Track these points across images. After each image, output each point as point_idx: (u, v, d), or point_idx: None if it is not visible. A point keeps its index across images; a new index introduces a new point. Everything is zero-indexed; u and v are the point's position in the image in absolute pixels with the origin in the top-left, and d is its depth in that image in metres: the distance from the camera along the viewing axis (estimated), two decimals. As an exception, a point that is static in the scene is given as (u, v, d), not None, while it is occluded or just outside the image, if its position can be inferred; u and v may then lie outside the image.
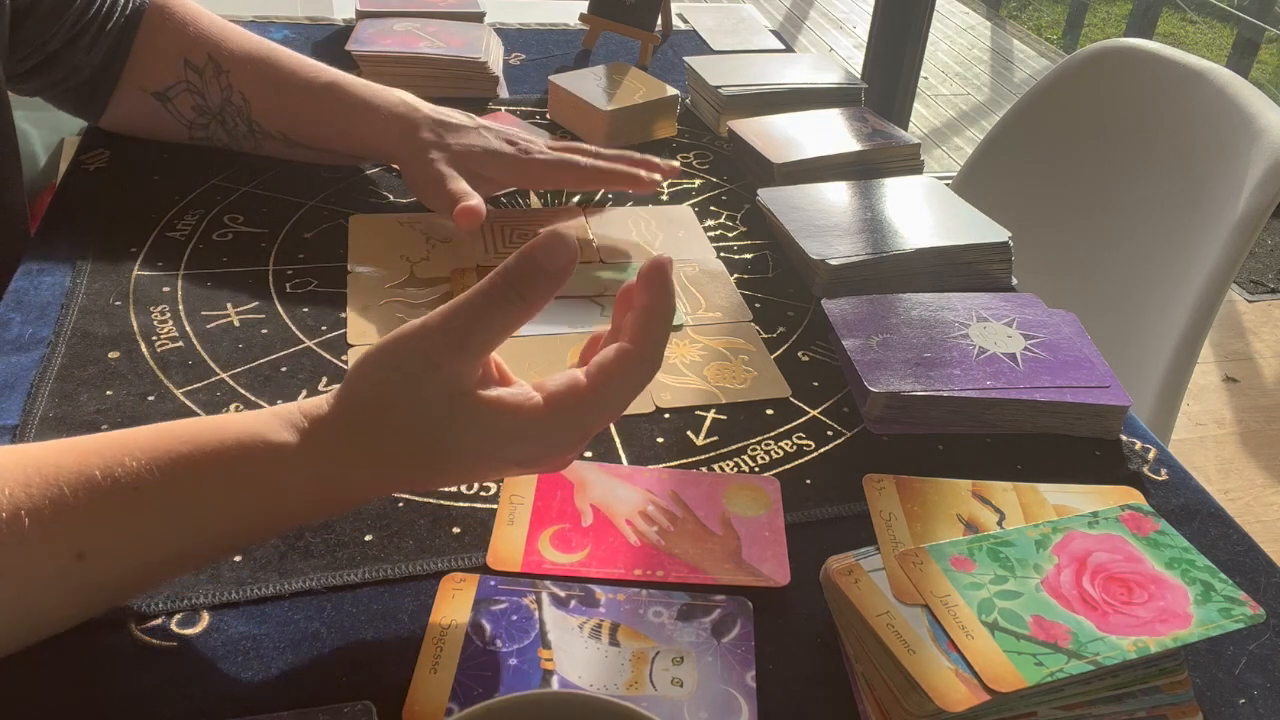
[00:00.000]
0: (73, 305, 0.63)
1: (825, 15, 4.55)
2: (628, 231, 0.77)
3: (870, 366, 0.59)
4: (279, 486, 0.41)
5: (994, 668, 0.40)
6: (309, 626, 0.44)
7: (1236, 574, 0.48)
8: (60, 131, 1.14)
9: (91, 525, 0.38)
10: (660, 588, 0.47)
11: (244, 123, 0.77)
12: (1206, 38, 4.68)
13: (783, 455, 0.57)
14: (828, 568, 0.46)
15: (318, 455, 0.41)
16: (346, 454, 0.41)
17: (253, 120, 0.77)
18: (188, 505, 0.39)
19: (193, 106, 0.77)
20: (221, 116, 0.77)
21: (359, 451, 0.41)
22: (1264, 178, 0.90)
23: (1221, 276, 0.90)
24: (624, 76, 0.93)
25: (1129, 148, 1.12)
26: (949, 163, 3.17)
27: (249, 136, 0.79)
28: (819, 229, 0.72)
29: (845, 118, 0.91)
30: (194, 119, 0.78)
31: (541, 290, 0.40)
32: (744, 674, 0.43)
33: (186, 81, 0.76)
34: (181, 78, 0.76)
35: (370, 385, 0.41)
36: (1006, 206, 1.04)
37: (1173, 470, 0.58)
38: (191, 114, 0.78)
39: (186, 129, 0.79)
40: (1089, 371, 0.60)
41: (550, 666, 0.43)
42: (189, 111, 0.78)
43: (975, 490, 0.53)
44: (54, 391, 0.55)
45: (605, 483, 0.53)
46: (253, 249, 0.70)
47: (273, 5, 1.16)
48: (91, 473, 0.38)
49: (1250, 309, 2.45)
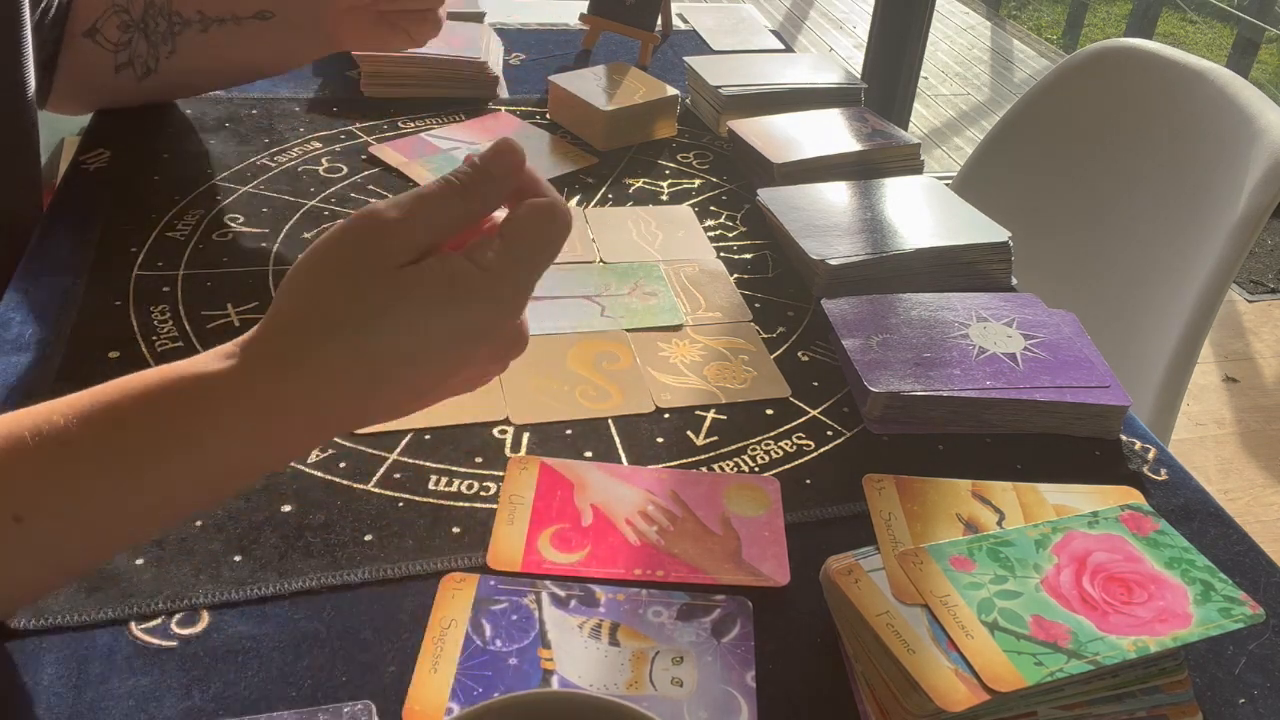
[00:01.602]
0: (73, 305, 0.63)
1: (825, 15, 4.55)
2: (628, 231, 0.77)
3: (870, 366, 0.59)
4: (209, 421, 0.38)
5: (994, 667, 0.40)
6: (309, 626, 0.44)
7: (1236, 574, 0.48)
8: (60, 131, 1.14)
9: (24, 485, 0.37)
10: (660, 588, 0.47)
11: (164, 19, 0.79)
12: (1206, 38, 4.68)
13: (783, 455, 0.57)
14: (827, 568, 0.46)
15: (248, 378, 0.38)
16: (278, 373, 0.38)
17: (173, 13, 0.79)
18: (119, 453, 0.38)
19: (118, 26, 0.79)
20: (144, 24, 0.79)
21: (290, 369, 0.38)
22: (1264, 178, 0.90)
23: (1221, 276, 0.90)
24: (624, 76, 0.93)
25: (1129, 148, 1.12)
26: (949, 163, 3.17)
27: (168, 35, 0.80)
28: (819, 229, 0.72)
29: (845, 118, 0.91)
30: (119, 39, 0.79)
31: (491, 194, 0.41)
32: (744, 674, 0.43)
33: (113, 5, 0.78)
34: (109, 5, 0.78)
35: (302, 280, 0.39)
36: (1006, 206, 1.04)
37: (1172, 470, 0.58)
38: (117, 34, 0.79)
39: (112, 55, 0.80)
40: (1089, 371, 0.60)
41: (550, 666, 0.43)
42: (114, 33, 0.79)
43: (975, 490, 0.53)
44: (54, 392, 0.55)
45: (605, 482, 0.53)
46: (253, 249, 0.70)
47: (273, 5, 1.16)
48: (20, 434, 0.37)
49: (1250, 309, 2.45)
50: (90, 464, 0.37)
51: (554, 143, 0.89)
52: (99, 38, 0.78)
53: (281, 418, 0.39)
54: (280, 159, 0.82)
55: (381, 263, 0.39)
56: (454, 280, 0.39)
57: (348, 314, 0.38)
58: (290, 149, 0.84)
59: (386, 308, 0.38)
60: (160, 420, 0.38)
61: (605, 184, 0.84)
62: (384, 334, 0.38)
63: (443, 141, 0.87)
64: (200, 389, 0.38)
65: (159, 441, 0.38)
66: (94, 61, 0.80)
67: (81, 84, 0.81)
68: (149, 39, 0.80)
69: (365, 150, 0.85)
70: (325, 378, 0.38)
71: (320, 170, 0.81)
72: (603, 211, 0.79)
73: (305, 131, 0.87)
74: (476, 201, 0.41)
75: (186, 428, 0.38)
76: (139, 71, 0.81)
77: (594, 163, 0.86)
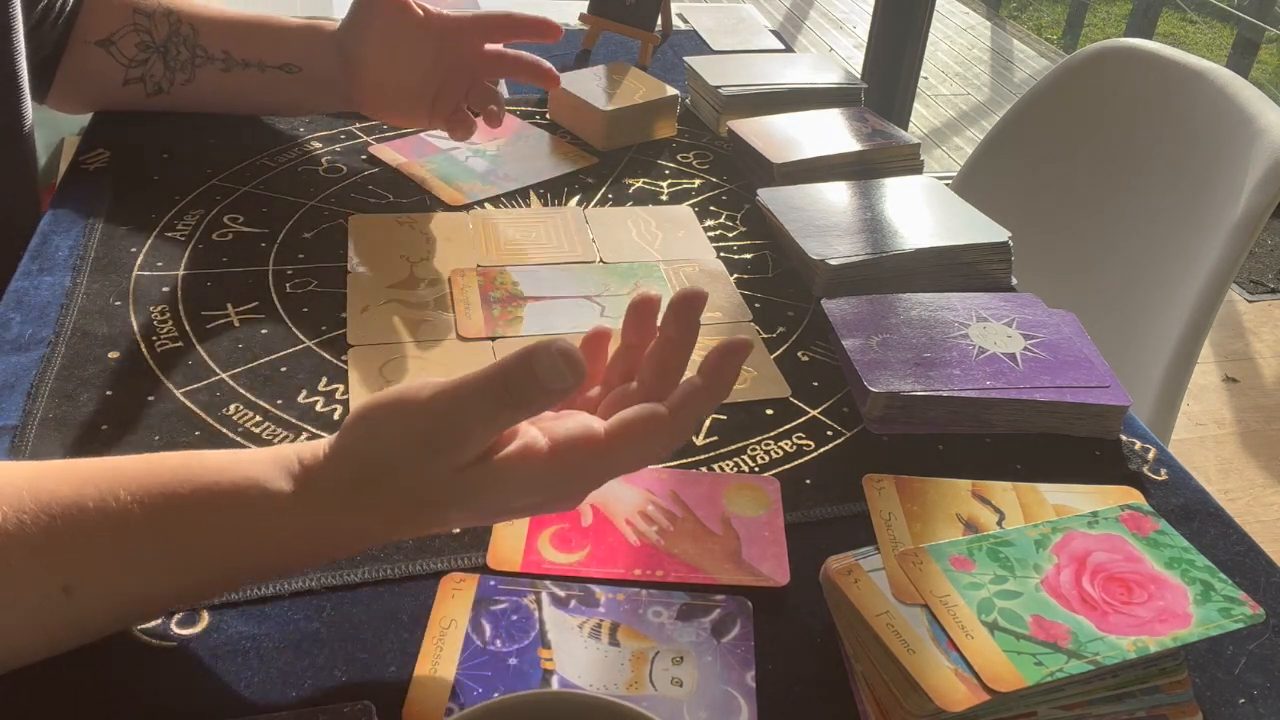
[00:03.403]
0: (73, 305, 0.63)
1: (825, 15, 4.55)
2: (627, 231, 0.77)
3: (870, 366, 0.59)
4: (271, 535, 0.40)
5: (994, 667, 0.40)
6: (309, 626, 0.44)
7: (1236, 574, 0.48)
8: (60, 131, 1.14)
9: (80, 559, 0.37)
10: (660, 587, 0.47)
11: (187, 49, 0.79)
12: (1206, 38, 4.68)
13: (782, 455, 0.57)
14: (827, 567, 0.46)
15: (313, 507, 0.39)
16: (343, 509, 0.40)
17: (197, 45, 0.79)
18: (176, 546, 0.39)
19: (136, 44, 0.79)
20: (164, 48, 0.79)
21: (356, 508, 0.40)
22: (1264, 178, 0.89)
23: (1221, 276, 0.90)
24: (624, 76, 0.93)
25: (1129, 148, 1.12)
26: (949, 163, 3.17)
27: (186, 65, 0.80)
28: (819, 229, 0.72)
29: (845, 118, 0.91)
30: (134, 56, 0.79)
31: (538, 403, 0.37)
32: (744, 674, 0.43)
33: (134, 24, 0.78)
34: (128, 22, 0.78)
35: (370, 443, 0.39)
36: (1006, 206, 1.04)
37: (1172, 470, 0.58)
38: (134, 51, 0.79)
39: (124, 70, 0.80)
40: (1089, 371, 0.60)
41: (550, 666, 0.43)
42: (131, 49, 0.79)
43: (975, 490, 0.53)
44: (54, 392, 0.55)
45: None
46: (253, 249, 0.70)
47: (272, 5, 1.16)
48: (84, 503, 0.37)
49: (1250, 309, 2.45)
50: (147, 551, 0.38)
51: (554, 143, 0.89)
52: (114, 50, 0.78)
53: (339, 545, 0.41)
54: (280, 159, 0.82)
55: (443, 468, 0.38)
56: (528, 476, 0.39)
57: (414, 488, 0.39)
58: (290, 149, 0.84)
59: (452, 493, 0.39)
60: (224, 527, 0.39)
61: (605, 184, 0.84)
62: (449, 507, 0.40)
63: (443, 141, 0.87)
64: (264, 504, 0.39)
65: (218, 546, 0.39)
66: (102, 70, 0.80)
67: (85, 88, 0.82)
68: (167, 64, 0.80)
69: (365, 150, 0.85)
70: (388, 522, 0.40)
71: (320, 170, 0.81)
72: (603, 211, 0.79)
73: (305, 131, 0.87)
74: (525, 410, 0.38)
75: (248, 539, 0.40)
76: (149, 89, 0.81)
77: (594, 163, 0.86)
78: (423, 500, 0.39)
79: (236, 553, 0.40)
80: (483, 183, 0.82)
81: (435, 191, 0.80)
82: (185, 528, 0.39)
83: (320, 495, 0.39)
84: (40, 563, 0.37)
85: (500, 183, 0.82)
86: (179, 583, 0.39)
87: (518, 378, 0.37)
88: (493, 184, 0.82)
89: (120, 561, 0.38)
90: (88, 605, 0.38)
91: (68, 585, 0.37)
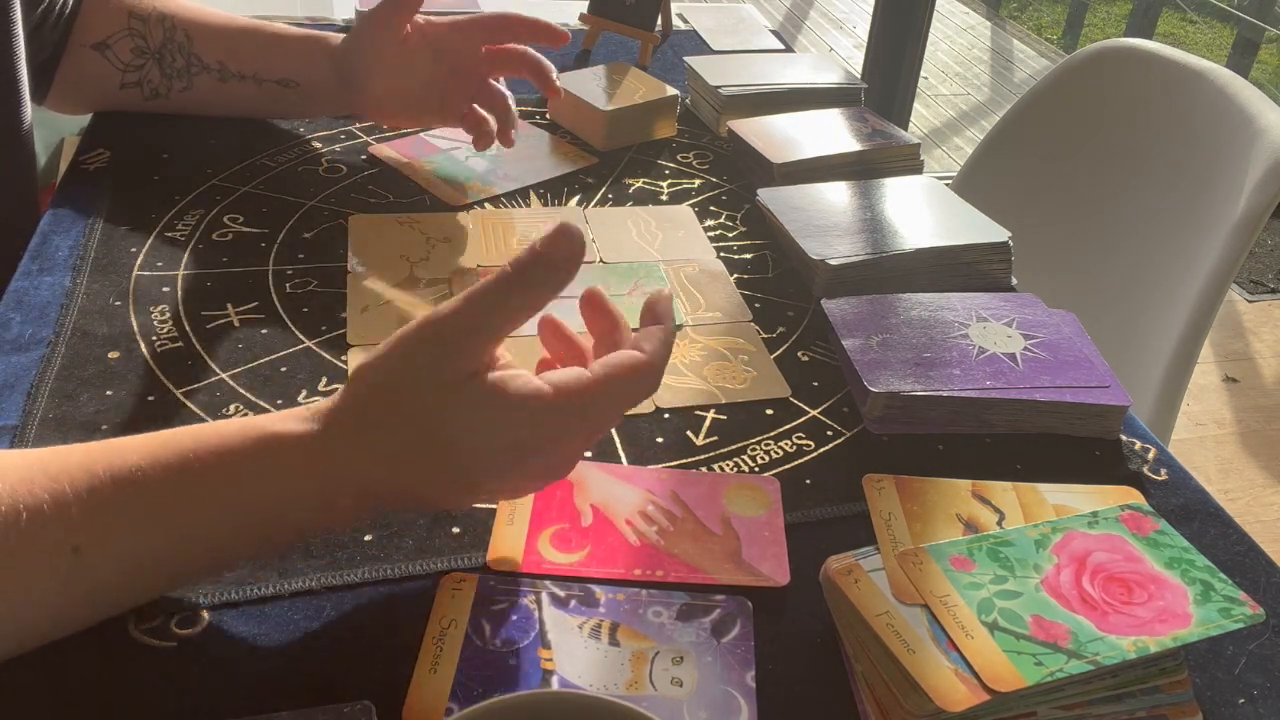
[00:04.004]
0: (73, 305, 0.63)
1: (825, 15, 4.55)
2: (627, 231, 0.77)
3: (870, 366, 0.59)
4: (282, 480, 0.40)
5: (994, 667, 0.40)
6: (309, 626, 0.44)
7: (1236, 574, 0.48)
8: (60, 131, 1.14)
9: (89, 518, 0.38)
10: (660, 588, 0.47)
11: (182, 57, 0.79)
12: (1206, 38, 4.68)
13: (782, 455, 0.57)
14: (827, 567, 0.46)
15: (323, 446, 0.41)
16: (353, 445, 0.41)
17: (192, 54, 0.79)
18: (188, 500, 0.39)
19: (131, 49, 0.79)
20: (160, 55, 0.79)
21: (366, 444, 0.41)
22: (1264, 178, 0.90)
23: (1221, 276, 0.90)
24: (624, 76, 0.93)
25: (1129, 148, 1.12)
26: (949, 163, 3.17)
27: (183, 74, 0.80)
28: (819, 229, 0.72)
29: (845, 118, 0.91)
30: (130, 61, 0.79)
31: (550, 282, 0.41)
32: (744, 674, 0.43)
33: (129, 29, 0.78)
34: (124, 26, 0.78)
35: (380, 376, 0.41)
36: (1006, 206, 1.04)
37: (1172, 470, 0.58)
38: (129, 56, 0.79)
39: (119, 74, 0.80)
40: (1089, 371, 0.60)
41: (550, 666, 0.43)
42: (126, 54, 0.79)
43: (975, 490, 0.53)
44: (54, 392, 0.55)
45: (605, 483, 0.53)
46: (253, 249, 0.70)
47: (272, 5, 1.17)
48: (94, 468, 0.38)
49: (1250, 309, 2.45)
50: (159, 507, 0.39)
51: (554, 143, 0.89)
52: (109, 54, 0.79)
53: (349, 490, 0.41)
54: (280, 159, 0.82)
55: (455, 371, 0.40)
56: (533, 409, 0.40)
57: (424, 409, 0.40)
58: (290, 149, 0.84)
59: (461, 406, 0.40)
60: (235, 474, 0.40)
61: (605, 184, 0.84)
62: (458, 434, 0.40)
63: (443, 141, 0.87)
64: (277, 446, 0.40)
65: (230, 496, 0.40)
66: (99, 73, 0.80)
67: (83, 90, 0.82)
68: (163, 70, 0.80)
69: (365, 150, 0.85)
70: (396, 461, 0.41)
71: (320, 170, 0.81)
72: (603, 211, 0.79)
73: (305, 131, 0.87)
74: (535, 291, 0.41)
75: (259, 487, 0.40)
76: (146, 93, 0.81)
77: (594, 163, 0.86)
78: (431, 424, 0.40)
79: (246, 504, 0.40)
80: (483, 183, 0.82)
81: (435, 191, 0.80)
82: (194, 479, 0.39)
83: (329, 437, 0.41)
84: (49, 524, 0.37)
85: (500, 183, 0.82)
86: (191, 545, 0.40)
87: (522, 258, 0.40)
88: (493, 184, 0.82)
89: (129, 519, 0.38)
90: (97, 567, 0.38)
91: (76, 545, 0.37)
